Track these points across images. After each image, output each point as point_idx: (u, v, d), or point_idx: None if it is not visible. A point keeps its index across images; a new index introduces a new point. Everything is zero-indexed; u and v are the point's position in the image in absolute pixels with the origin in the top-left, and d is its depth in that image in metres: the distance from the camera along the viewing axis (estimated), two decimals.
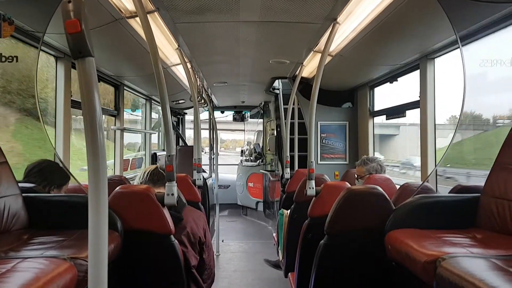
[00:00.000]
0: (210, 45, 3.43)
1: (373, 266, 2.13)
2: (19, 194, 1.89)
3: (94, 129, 1.12)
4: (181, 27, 2.84)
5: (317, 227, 2.37)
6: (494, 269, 1.36)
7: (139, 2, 1.96)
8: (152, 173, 2.33)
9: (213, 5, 2.45)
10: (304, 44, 3.32)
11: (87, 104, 1.11)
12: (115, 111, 4.38)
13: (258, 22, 2.76)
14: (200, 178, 3.64)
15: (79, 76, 1.09)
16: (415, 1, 2.18)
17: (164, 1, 2.35)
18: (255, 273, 4.89)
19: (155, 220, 1.96)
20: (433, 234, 1.79)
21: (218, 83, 5.36)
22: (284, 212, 3.78)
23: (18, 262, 1.35)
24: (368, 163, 3.24)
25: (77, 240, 1.68)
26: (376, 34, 2.75)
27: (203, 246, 2.30)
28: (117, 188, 2.01)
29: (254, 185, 8.36)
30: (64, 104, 3.04)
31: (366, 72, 4.12)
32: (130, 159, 5.44)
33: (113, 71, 4.02)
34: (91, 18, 1.08)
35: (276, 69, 4.41)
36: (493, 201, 1.86)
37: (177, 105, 6.62)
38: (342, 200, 2.17)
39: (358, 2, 2.36)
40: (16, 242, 1.64)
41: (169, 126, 2.16)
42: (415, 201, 2.01)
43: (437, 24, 2.43)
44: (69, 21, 1.03)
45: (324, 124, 5.06)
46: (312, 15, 2.61)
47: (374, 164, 3.22)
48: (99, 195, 1.14)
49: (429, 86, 3.20)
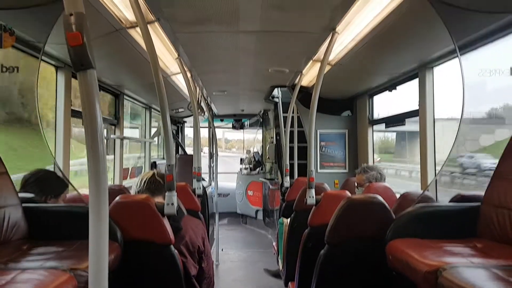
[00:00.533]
0: (210, 55, 3.44)
1: (373, 275, 2.12)
2: (18, 204, 1.88)
3: (95, 139, 1.12)
4: (181, 37, 2.86)
5: (317, 236, 2.36)
6: (495, 279, 1.35)
7: (139, 13, 1.97)
8: (149, 181, 2.24)
9: (213, 16, 2.46)
10: (304, 53, 3.34)
11: (88, 115, 1.11)
12: (115, 120, 4.39)
13: (257, 32, 2.78)
14: (199, 187, 3.63)
15: (80, 88, 1.10)
16: (414, 11, 2.20)
17: (165, 12, 2.36)
18: (255, 282, 4.87)
19: (155, 230, 1.95)
20: (433, 244, 1.79)
21: (218, 92, 5.37)
22: (284, 221, 3.77)
23: (18, 273, 1.34)
24: (368, 171, 3.25)
25: (77, 250, 1.67)
26: (375, 43, 2.76)
27: (202, 255, 2.28)
28: (117, 198, 2.01)
29: (254, 193, 8.34)
30: (64, 113, 3.04)
31: (365, 81, 4.14)
32: (129, 167, 5.43)
33: (113, 81, 4.03)
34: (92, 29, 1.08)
35: (276, 78, 4.42)
36: (494, 210, 1.86)
37: (177, 114, 6.64)
38: (342, 209, 2.17)
39: (357, 12, 2.38)
40: (15, 252, 1.63)
41: (169, 135, 2.16)
42: (415, 210, 2.01)
43: (436, 33, 2.45)
44: (71, 34, 1.04)
45: (323, 133, 5.07)
46: (311, 25, 2.63)
47: (373, 172, 3.23)
48: (99, 205, 1.14)
49: (428, 95, 3.21)
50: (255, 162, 8.68)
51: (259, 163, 8.57)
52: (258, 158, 8.70)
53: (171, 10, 2.34)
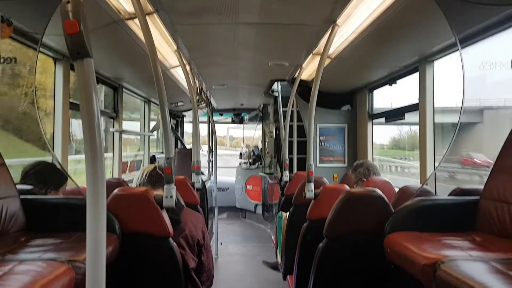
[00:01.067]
0: (209, 47, 3.43)
1: (372, 269, 2.12)
2: (16, 196, 1.88)
3: (92, 130, 1.11)
4: (180, 29, 2.84)
5: (316, 229, 2.36)
6: (493, 273, 1.35)
7: (138, 4, 1.95)
8: (151, 174, 2.31)
9: (212, 7, 2.45)
10: (303, 46, 3.32)
11: (85, 105, 1.11)
12: (113, 113, 4.37)
13: (257, 24, 2.76)
14: (199, 181, 3.63)
15: (78, 77, 1.09)
16: (414, 3, 2.18)
17: (163, 3, 2.34)
18: (254, 276, 4.88)
19: (153, 222, 1.95)
20: (432, 237, 1.79)
21: (217, 86, 5.36)
22: (283, 214, 3.77)
23: (16, 265, 1.34)
24: (356, 169, 3.24)
25: (75, 242, 1.67)
26: (375, 36, 2.75)
27: (202, 249, 2.28)
28: (116, 190, 2.00)
29: (253, 187, 8.35)
30: (63, 105, 3.03)
31: (365, 74, 4.13)
32: (128, 161, 5.43)
33: (112, 73, 4.01)
34: (90, 20, 1.07)
35: (275, 72, 4.41)
36: (492, 204, 1.86)
37: (176, 108, 6.62)
38: (341, 203, 2.17)
39: (358, 4, 2.36)
40: (13, 244, 1.63)
41: (168, 128, 2.15)
42: (414, 204, 2.01)
43: (436, 26, 2.43)
44: (68, 22, 1.03)
45: (323, 127, 5.06)
46: (311, 18, 2.61)
47: (361, 169, 3.22)
48: (97, 197, 1.14)
49: (428, 88, 3.20)
50: (255, 157, 8.68)
51: (258, 158, 8.57)
52: (257, 152, 8.69)
53: (169, 1, 2.32)
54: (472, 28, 2.42)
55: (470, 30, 2.44)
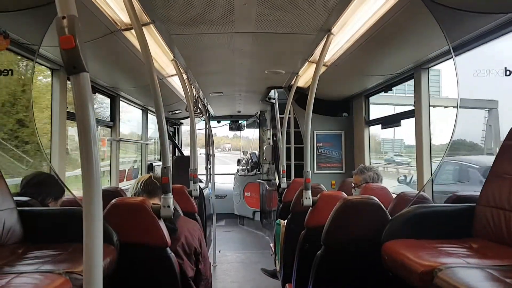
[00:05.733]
0: (205, 56, 3.44)
1: (369, 276, 2.12)
2: (14, 208, 1.88)
3: (88, 142, 1.12)
4: (177, 39, 2.85)
5: (313, 237, 2.37)
6: (490, 280, 1.36)
7: (134, 15, 1.96)
8: (146, 183, 2.30)
9: (208, 17, 2.46)
10: (299, 54, 3.34)
11: (81, 118, 1.11)
12: (110, 122, 4.38)
13: (253, 33, 2.78)
14: (196, 188, 3.62)
15: (74, 91, 1.09)
16: (409, 11, 2.20)
17: (159, 14, 2.36)
18: (253, 284, 4.86)
19: (151, 233, 1.95)
20: (429, 244, 1.79)
21: (214, 93, 5.37)
22: (281, 222, 3.76)
23: (13, 277, 1.34)
24: (364, 172, 3.26)
25: (72, 254, 1.66)
26: (370, 44, 2.77)
27: (199, 257, 2.28)
28: (113, 200, 2.00)
29: (251, 194, 8.33)
30: (60, 115, 3.03)
31: (361, 81, 4.15)
32: (126, 169, 5.42)
33: (109, 83, 4.02)
34: (87, 31, 1.08)
35: (272, 79, 4.43)
36: (489, 211, 1.87)
37: (173, 116, 6.62)
38: (338, 210, 2.17)
39: (352, 13, 2.39)
40: (11, 256, 1.63)
41: (164, 137, 2.16)
42: (411, 211, 2.01)
43: (431, 34, 2.45)
44: (64, 37, 1.03)
45: (320, 133, 5.08)
46: (306, 27, 2.63)
47: (370, 173, 3.25)
48: (93, 207, 1.13)
49: (423, 95, 3.22)
50: (253, 164, 8.68)
51: (256, 164, 8.57)
52: (255, 159, 8.69)
53: (165, 11, 2.33)
54: (465, 35, 2.44)
55: (464, 37, 2.47)
